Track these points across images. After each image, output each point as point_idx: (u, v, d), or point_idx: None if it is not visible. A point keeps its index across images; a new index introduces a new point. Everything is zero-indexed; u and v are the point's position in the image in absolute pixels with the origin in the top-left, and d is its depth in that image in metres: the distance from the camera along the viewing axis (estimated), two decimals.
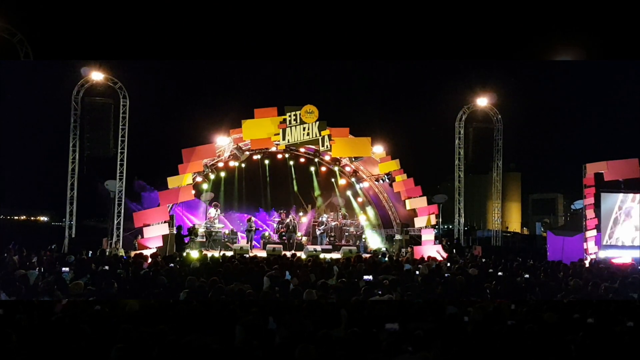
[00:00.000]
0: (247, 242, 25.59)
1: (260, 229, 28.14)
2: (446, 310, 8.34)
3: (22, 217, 52.62)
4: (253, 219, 27.63)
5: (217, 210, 26.47)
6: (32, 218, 54.55)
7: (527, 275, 14.57)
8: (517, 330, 7.00)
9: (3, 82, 23.72)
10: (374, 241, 28.95)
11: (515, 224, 57.51)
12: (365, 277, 12.65)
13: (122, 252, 20.62)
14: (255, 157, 26.92)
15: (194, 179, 23.71)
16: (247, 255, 19.21)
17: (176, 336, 6.25)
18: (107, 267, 13.94)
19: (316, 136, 23.59)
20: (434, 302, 9.19)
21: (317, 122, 23.52)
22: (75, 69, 24.23)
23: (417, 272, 15.15)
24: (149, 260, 16.28)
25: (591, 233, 24.31)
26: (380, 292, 10.86)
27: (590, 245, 24.16)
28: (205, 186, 26.96)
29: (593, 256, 23.19)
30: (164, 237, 21.92)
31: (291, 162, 29.29)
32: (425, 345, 6.35)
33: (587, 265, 19.00)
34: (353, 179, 28.67)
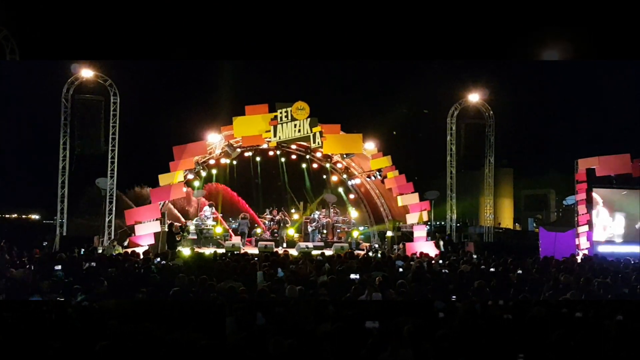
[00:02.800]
0: (241, 239, 25.62)
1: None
2: (434, 306, 8.32)
3: (13, 215, 52.37)
4: (248, 215, 27.66)
5: (212, 209, 26.40)
6: (24, 216, 54.30)
7: (519, 271, 14.55)
8: (504, 324, 6.99)
9: None
10: (366, 238, 29.02)
11: (507, 220, 57.57)
12: (352, 275, 12.58)
13: (119, 250, 20.52)
14: (246, 154, 26.88)
15: (185, 176, 23.63)
16: (239, 252, 19.21)
17: (163, 333, 6.21)
18: (94, 264, 13.87)
19: (307, 133, 23.52)
20: (423, 298, 9.17)
21: (309, 119, 23.46)
22: (65, 66, 24.10)
23: (402, 269, 15.07)
24: (141, 257, 16.26)
25: (583, 229, 24.37)
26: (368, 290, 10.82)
27: (582, 241, 24.22)
28: (197, 183, 26.92)
29: (585, 252, 23.24)
30: (156, 234, 21.85)
31: (282, 159, 29.28)
32: (410, 341, 6.34)
33: (579, 260, 19.04)
34: (345, 176, 28.67)
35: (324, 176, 30.70)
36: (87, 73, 23.63)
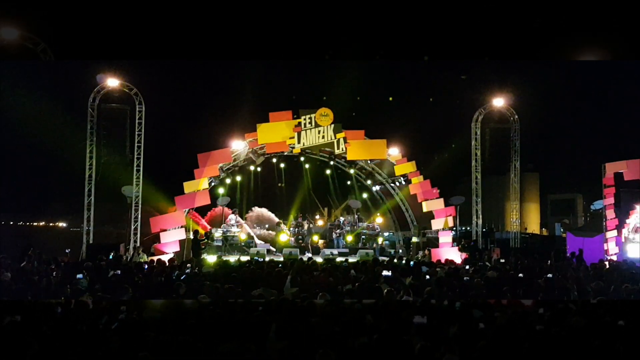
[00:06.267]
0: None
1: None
2: (472, 314, 8.20)
3: (41, 223, 52.98)
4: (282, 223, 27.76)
5: (236, 217, 26.48)
6: (51, 224, 54.87)
7: (549, 275, 14.37)
8: (543, 334, 6.85)
9: (20, 89, 24.06)
10: (391, 244, 28.87)
11: (534, 225, 56.85)
12: (385, 272, 12.64)
13: (144, 258, 20.62)
14: (270, 160, 26.95)
15: (210, 184, 23.74)
16: (263, 260, 19.23)
17: (205, 343, 6.18)
18: (119, 272, 13.94)
19: (331, 139, 23.56)
20: (461, 306, 9.02)
21: (332, 125, 23.49)
22: (91, 76, 24.38)
23: (428, 276, 14.94)
24: (167, 265, 16.35)
25: (611, 234, 23.98)
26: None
27: (611, 246, 23.85)
28: (221, 190, 27.03)
29: (614, 257, 22.90)
30: (181, 242, 21.96)
31: (307, 166, 29.30)
32: (452, 348, 6.27)
33: (608, 266, 18.72)
34: (369, 182, 28.58)
35: (348, 182, 30.66)
36: (112, 82, 23.87)
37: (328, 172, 29.77)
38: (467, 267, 17.68)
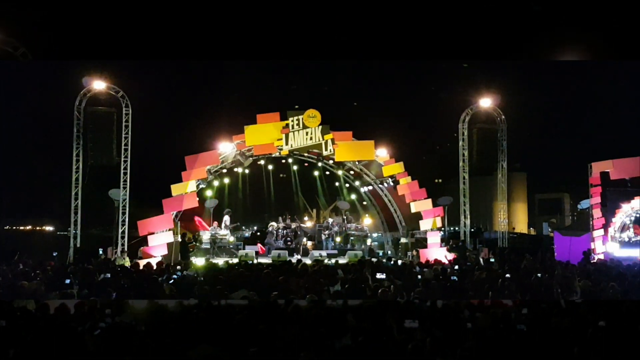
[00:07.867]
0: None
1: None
2: (459, 314, 8.21)
3: (27, 227, 52.58)
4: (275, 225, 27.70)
5: (230, 218, 26.44)
6: (38, 228, 54.47)
7: (539, 274, 14.46)
8: (526, 335, 6.87)
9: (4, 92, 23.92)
10: (380, 245, 28.89)
11: (521, 225, 57.14)
12: (379, 275, 12.72)
13: (126, 261, 20.51)
14: (258, 162, 26.91)
15: (197, 186, 23.66)
16: (252, 262, 19.20)
17: (185, 347, 6.15)
18: (109, 275, 13.88)
19: (319, 140, 23.54)
20: (446, 306, 9.04)
21: (320, 127, 23.47)
22: (77, 78, 24.24)
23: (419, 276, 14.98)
24: (154, 268, 16.26)
25: (598, 232, 24.16)
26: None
27: (598, 245, 24.02)
28: (209, 193, 26.93)
29: (601, 256, 23.07)
30: (169, 245, 21.85)
31: (295, 167, 29.27)
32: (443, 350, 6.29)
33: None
34: (357, 183, 28.59)
35: (337, 183, 30.68)
36: (99, 85, 23.75)
37: (316, 173, 29.76)
38: (456, 267, 17.74)
